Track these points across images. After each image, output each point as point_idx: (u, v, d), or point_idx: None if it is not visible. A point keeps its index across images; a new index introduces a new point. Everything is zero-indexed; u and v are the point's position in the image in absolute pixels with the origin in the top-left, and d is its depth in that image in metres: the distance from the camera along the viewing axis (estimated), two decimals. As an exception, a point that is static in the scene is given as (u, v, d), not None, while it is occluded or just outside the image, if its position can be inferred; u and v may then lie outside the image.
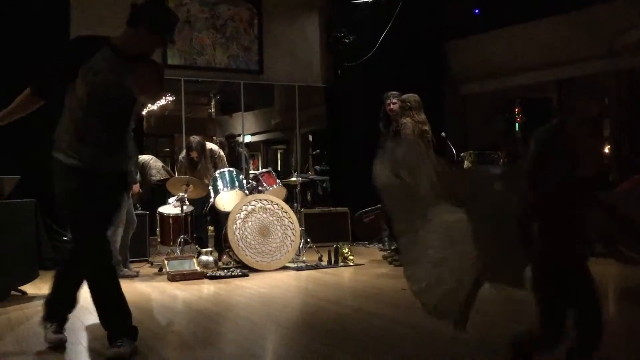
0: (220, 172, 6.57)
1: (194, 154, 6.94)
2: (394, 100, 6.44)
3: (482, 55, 9.48)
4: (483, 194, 2.46)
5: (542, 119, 8.13)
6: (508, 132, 8.14)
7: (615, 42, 7.92)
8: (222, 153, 7.28)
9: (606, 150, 8.57)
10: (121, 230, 5.83)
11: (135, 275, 5.94)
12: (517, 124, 7.83)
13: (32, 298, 4.85)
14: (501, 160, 7.59)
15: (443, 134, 7.68)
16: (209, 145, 7.26)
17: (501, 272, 2.46)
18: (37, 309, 4.44)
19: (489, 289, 4.90)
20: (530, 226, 2.31)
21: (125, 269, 5.94)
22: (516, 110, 7.83)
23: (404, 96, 6.30)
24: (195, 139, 7.05)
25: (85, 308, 4.46)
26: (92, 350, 3.35)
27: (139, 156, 7.46)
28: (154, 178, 7.57)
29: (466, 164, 7.82)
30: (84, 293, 5.08)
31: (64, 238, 6.79)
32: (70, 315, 4.18)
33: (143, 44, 3.06)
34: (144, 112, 12.25)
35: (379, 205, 7.92)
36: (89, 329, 3.85)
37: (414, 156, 2.65)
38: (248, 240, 6.10)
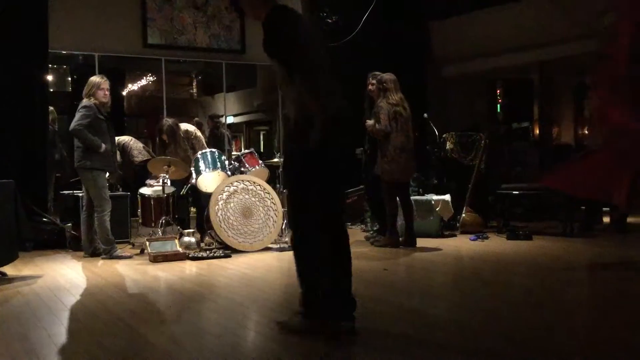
0: (202, 153, 6.52)
1: (164, 137, 6.86)
2: (372, 81, 6.43)
3: (464, 37, 9.48)
4: None
5: (523, 100, 8.18)
6: (489, 114, 8.18)
7: (595, 23, 7.95)
8: (198, 133, 7.16)
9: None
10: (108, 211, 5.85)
11: (129, 257, 5.92)
12: (498, 105, 7.86)
13: (12, 279, 4.81)
14: (482, 142, 7.64)
15: (425, 115, 7.70)
16: (185, 126, 7.14)
17: None
18: (16, 290, 4.42)
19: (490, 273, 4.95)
20: None
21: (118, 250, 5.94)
22: (497, 91, 7.86)
23: (380, 76, 6.28)
24: (167, 122, 6.93)
25: (67, 289, 4.44)
26: (72, 331, 3.34)
27: (119, 137, 7.39)
28: (136, 159, 7.50)
29: (448, 145, 7.87)
30: (68, 274, 5.06)
31: (44, 219, 6.74)
32: (51, 296, 4.17)
33: None
34: (124, 93, 12.14)
35: (361, 187, 7.95)
36: (71, 309, 3.84)
37: None
38: (230, 221, 6.09)
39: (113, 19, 8.12)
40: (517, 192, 7.17)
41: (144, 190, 6.65)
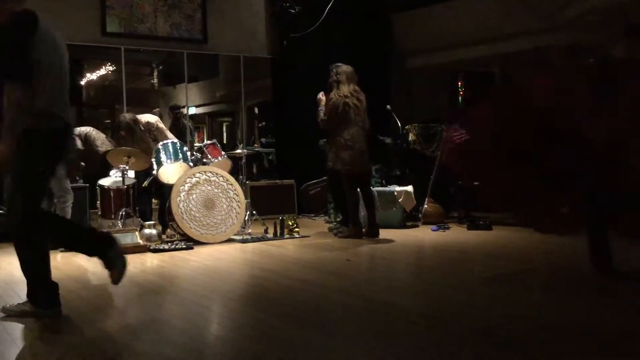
0: (163, 144, 6.42)
1: (122, 133, 6.69)
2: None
3: (426, 29, 9.54)
4: None
5: (484, 92, 8.26)
6: (451, 105, 8.27)
7: (557, 15, 8.10)
8: (160, 125, 6.98)
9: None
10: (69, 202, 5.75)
11: None
12: (459, 98, 7.96)
13: (-34, 274, 4.67)
14: (444, 133, 7.72)
15: (388, 106, 7.75)
16: (146, 117, 6.94)
17: None
18: (-29, 284, 4.29)
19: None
20: None
21: None
22: (459, 83, 7.96)
23: (336, 68, 6.30)
24: (124, 118, 6.71)
25: (24, 282, 4.33)
26: (28, 325, 3.26)
27: (80, 128, 7.21)
28: (100, 149, 7.30)
29: (410, 136, 7.93)
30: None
31: (0, 211, 6.55)
32: (8, 289, 4.06)
33: None
34: (82, 82, 11.88)
35: (324, 178, 7.96)
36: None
37: None
38: (192, 212, 6.02)
39: (71, 6, 7.91)
40: (478, 183, 7.26)
41: (104, 182, 6.52)
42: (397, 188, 7.14)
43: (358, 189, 6.33)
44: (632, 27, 4.19)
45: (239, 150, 7.36)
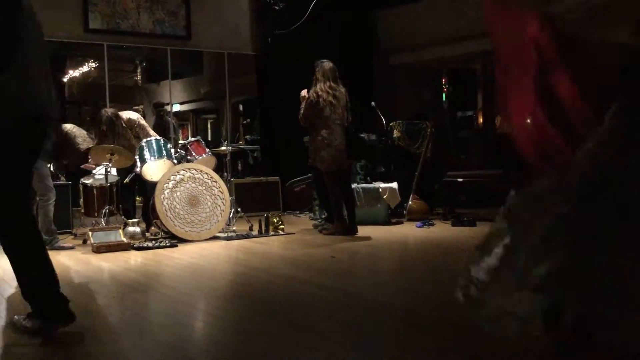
0: (147, 141, 6.37)
1: (104, 128, 6.64)
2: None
3: (411, 26, 9.57)
4: None
5: (467, 89, 8.33)
6: (435, 103, 8.32)
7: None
8: (142, 121, 6.91)
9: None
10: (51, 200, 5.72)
11: (71, 248, 5.80)
12: (443, 94, 8.01)
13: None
14: (428, 130, 7.76)
15: (373, 103, 7.76)
16: (127, 114, 6.87)
17: None
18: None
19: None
20: None
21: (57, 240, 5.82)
22: (443, 80, 8.01)
23: (318, 65, 6.29)
24: (105, 112, 6.67)
25: (6, 281, 4.29)
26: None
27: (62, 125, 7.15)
28: (81, 146, 7.25)
29: (395, 133, 7.96)
30: (6, 265, 4.89)
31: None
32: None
33: None
34: (65, 79, 11.77)
35: (309, 175, 7.96)
36: (9, 300, 3.71)
37: None
38: (177, 210, 6.00)
39: (53, 2, 7.83)
40: (461, 180, 7.32)
41: (86, 180, 6.47)
42: (382, 185, 7.17)
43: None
44: None
45: (223, 148, 7.33)
